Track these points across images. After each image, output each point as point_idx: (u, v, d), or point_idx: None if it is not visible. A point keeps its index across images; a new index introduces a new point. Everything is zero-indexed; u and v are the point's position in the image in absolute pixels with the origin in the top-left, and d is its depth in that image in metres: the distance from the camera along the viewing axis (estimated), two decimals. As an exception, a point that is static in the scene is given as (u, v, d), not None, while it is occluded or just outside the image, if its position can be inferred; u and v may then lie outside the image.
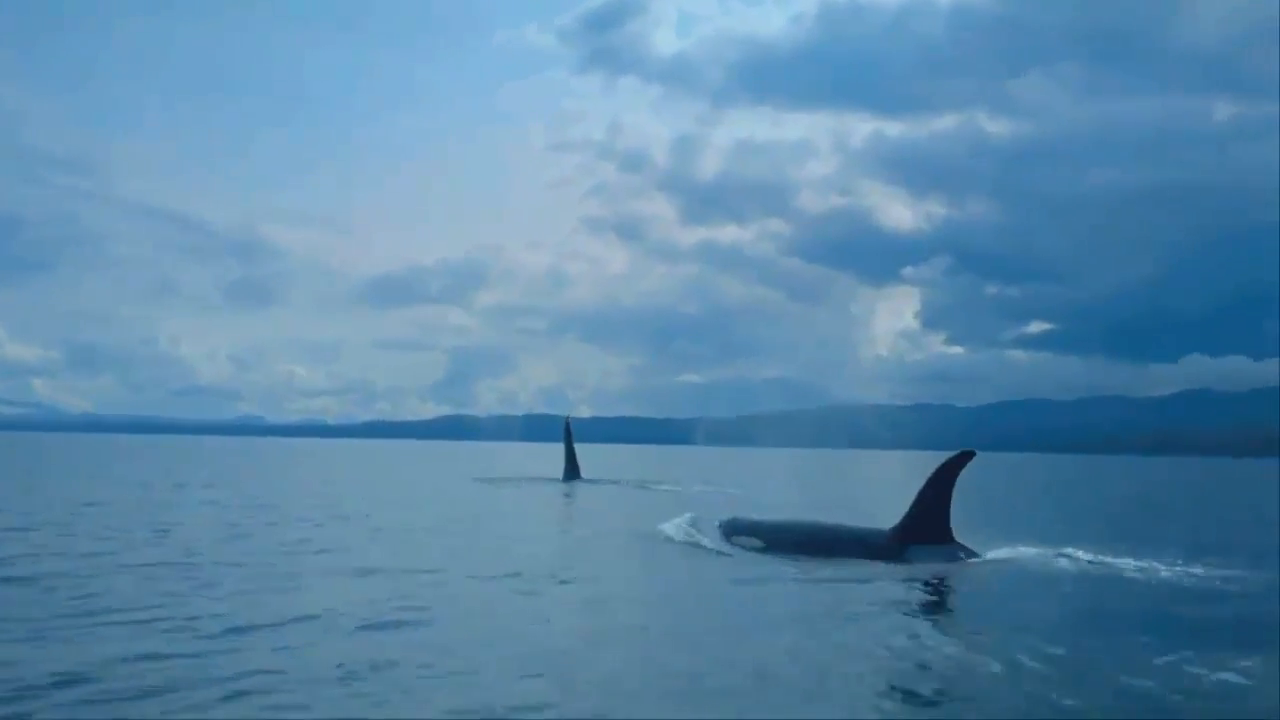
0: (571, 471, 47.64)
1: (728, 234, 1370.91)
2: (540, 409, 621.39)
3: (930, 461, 19.47)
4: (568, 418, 51.35)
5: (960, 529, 17.37)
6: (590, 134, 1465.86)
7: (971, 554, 16.79)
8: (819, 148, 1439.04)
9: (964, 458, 17.29)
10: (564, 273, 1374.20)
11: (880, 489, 50.86)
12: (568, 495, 38.89)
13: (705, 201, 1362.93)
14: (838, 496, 41.68)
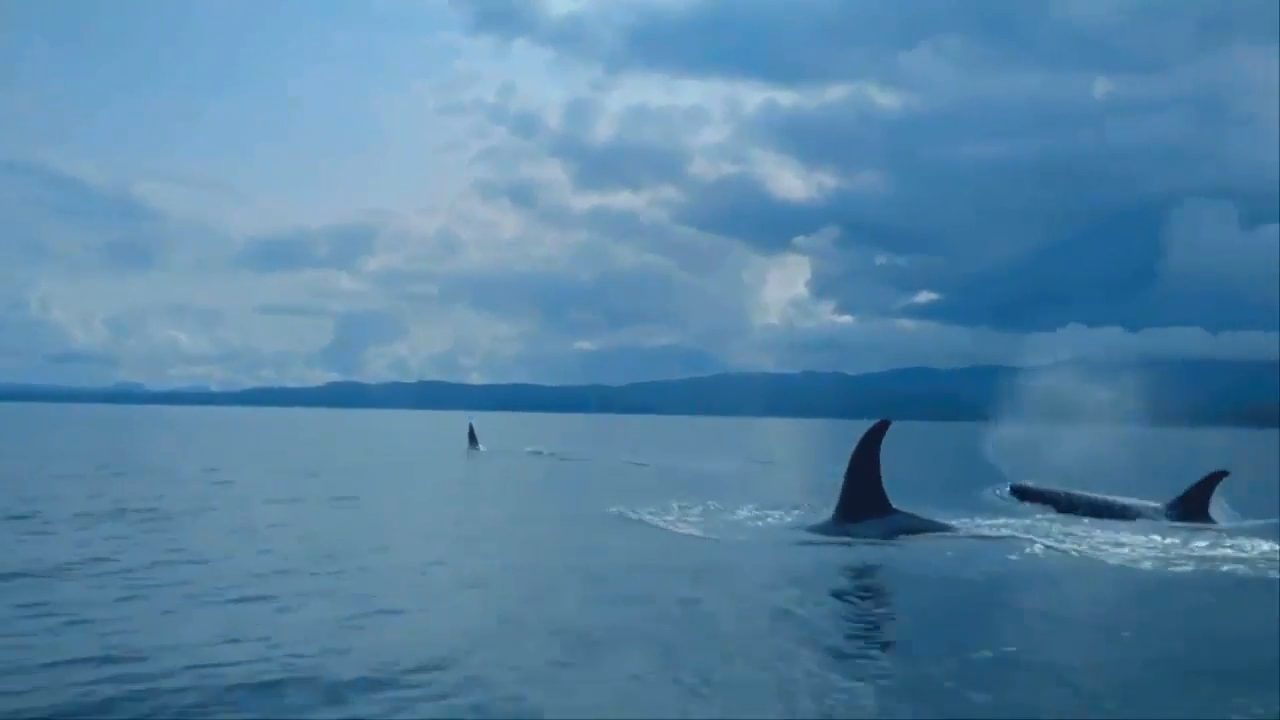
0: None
1: (621, 200, 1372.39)
2: (433, 376, 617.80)
3: (821, 428, 19.80)
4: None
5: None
6: (482, 96, 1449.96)
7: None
8: (712, 115, 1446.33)
9: (881, 427, 17.69)
10: (455, 238, 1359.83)
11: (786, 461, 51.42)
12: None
13: (599, 167, 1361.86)
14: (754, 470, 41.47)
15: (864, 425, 18.05)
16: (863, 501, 16.85)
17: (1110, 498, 21.48)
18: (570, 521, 19.95)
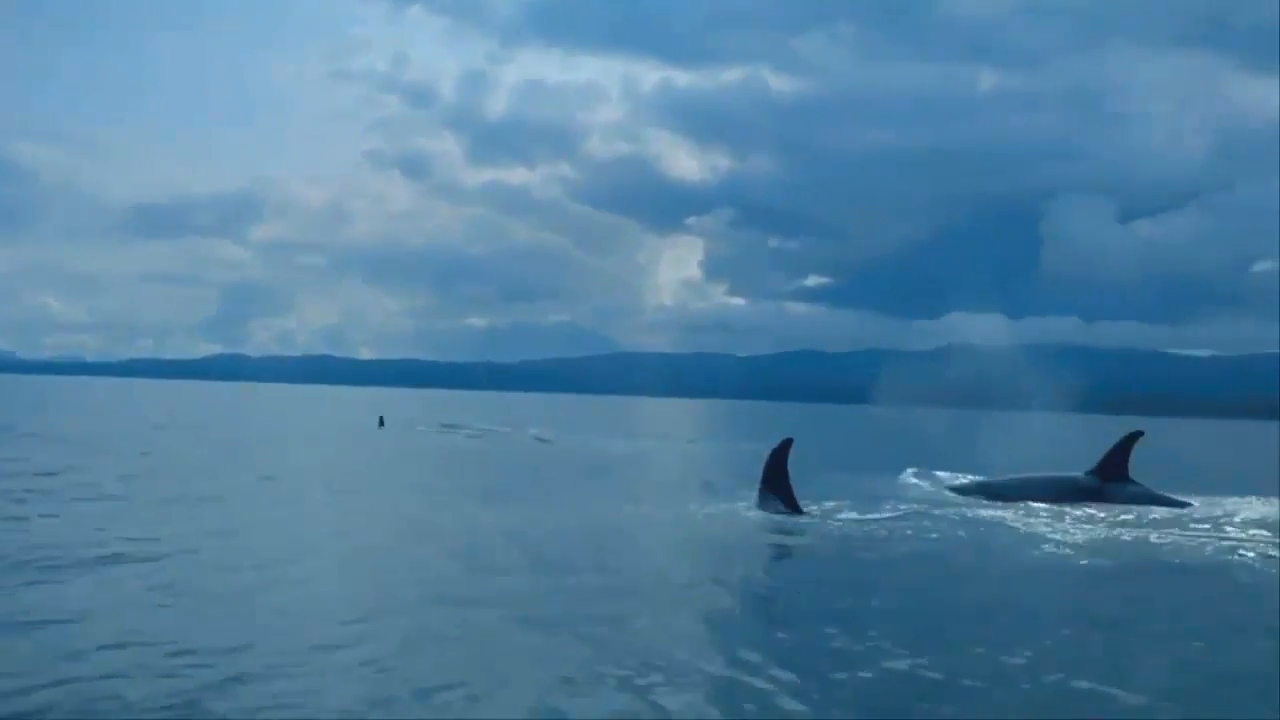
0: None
1: (516, 176, 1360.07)
2: (320, 350, 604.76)
3: (713, 408, 20.37)
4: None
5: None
6: (374, 64, 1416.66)
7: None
8: (608, 93, 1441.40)
9: (786, 445, 18.42)
10: (345, 209, 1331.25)
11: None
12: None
13: (493, 141, 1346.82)
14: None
15: (753, 406, 18.96)
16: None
17: (1028, 475, 22.09)
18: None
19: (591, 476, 25.03)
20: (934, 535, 15.80)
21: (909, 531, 15.89)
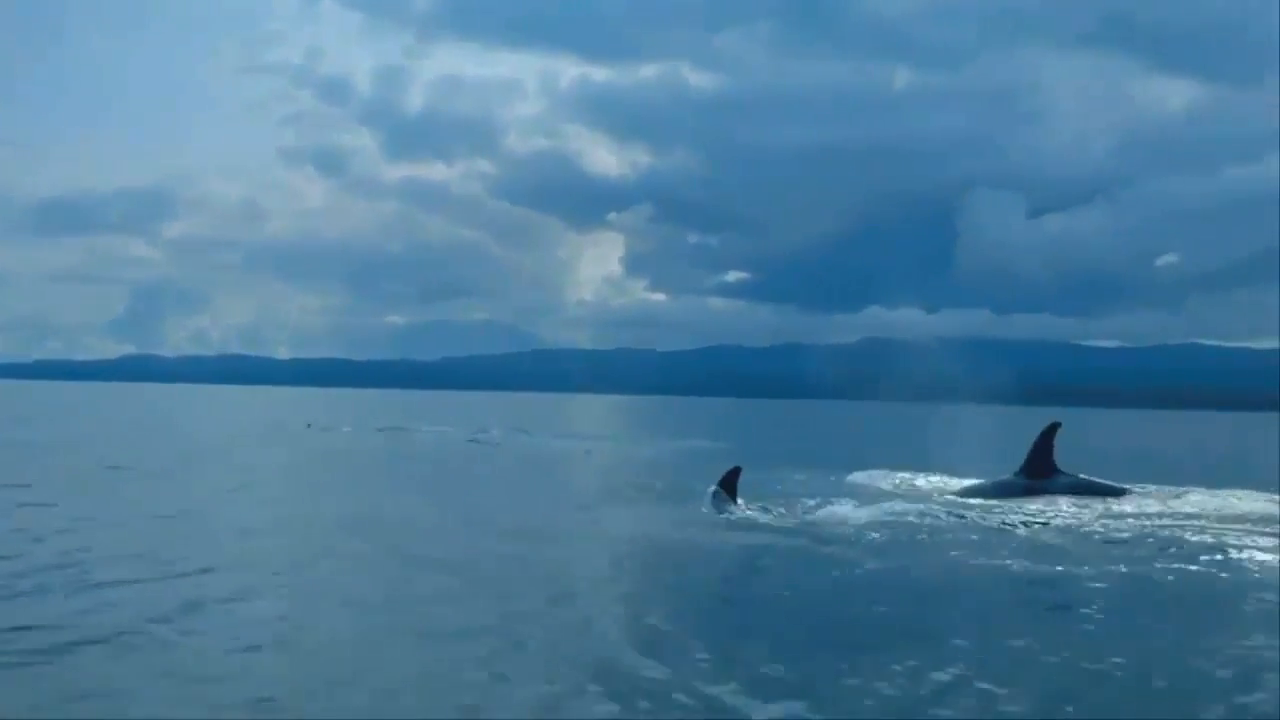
0: None
1: (433, 172, 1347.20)
2: (236, 349, 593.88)
3: (637, 405, 20.56)
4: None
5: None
6: (288, 58, 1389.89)
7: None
8: (527, 88, 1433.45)
9: (734, 473, 19.20)
10: (259, 205, 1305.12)
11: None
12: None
13: (410, 137, 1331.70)
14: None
15: (675, 401, 19.17)
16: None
17: (968, 484, 22.52)
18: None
19: (541, 477, 24.96)
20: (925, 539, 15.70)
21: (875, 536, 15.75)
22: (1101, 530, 16.41)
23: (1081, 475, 21.61)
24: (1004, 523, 17.17)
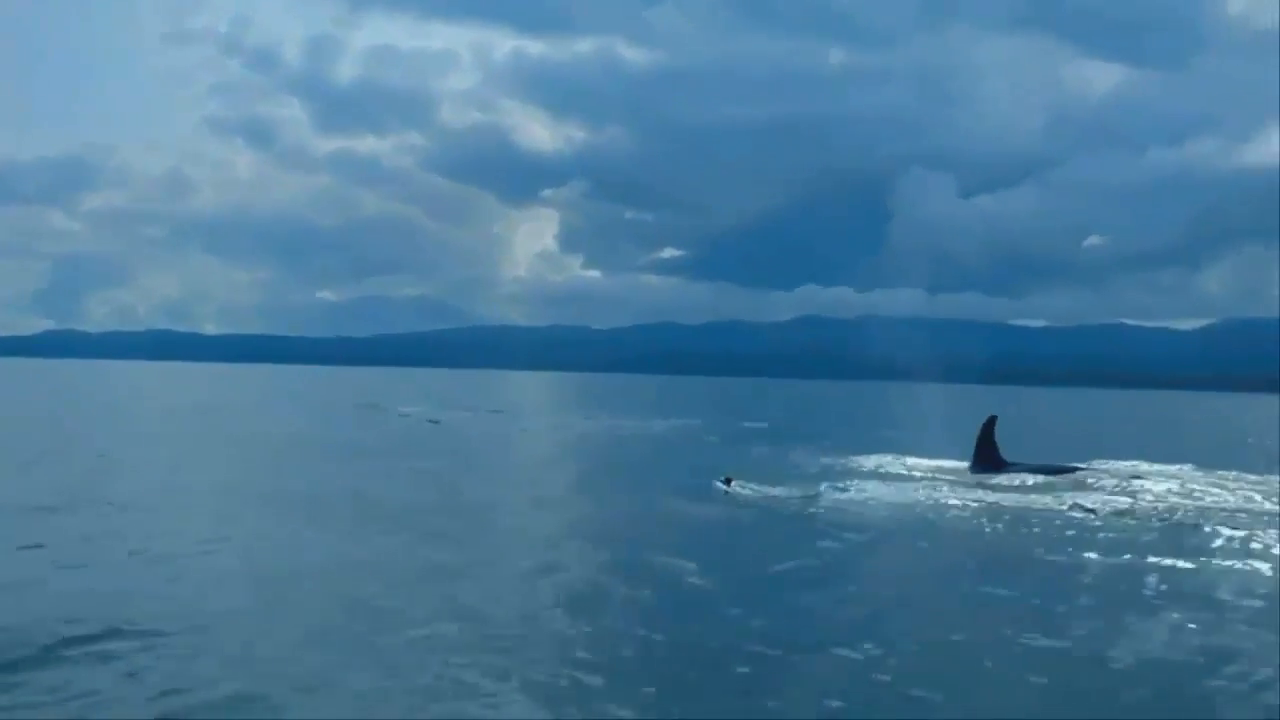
0: None
1: (365, 145, 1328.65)
2: (163, 324, 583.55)
3: (574, 382, 20.67)
4: None
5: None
6: (213, 25, 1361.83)
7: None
8: (461, 61, 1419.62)
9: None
10: (186, 177, 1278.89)
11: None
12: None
13: (341, 109, 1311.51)
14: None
15: (610, 379, 19.15)
16: None
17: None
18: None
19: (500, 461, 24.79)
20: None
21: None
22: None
23: (1029, 462, 22.12)
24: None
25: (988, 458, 22.16)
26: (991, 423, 22.73)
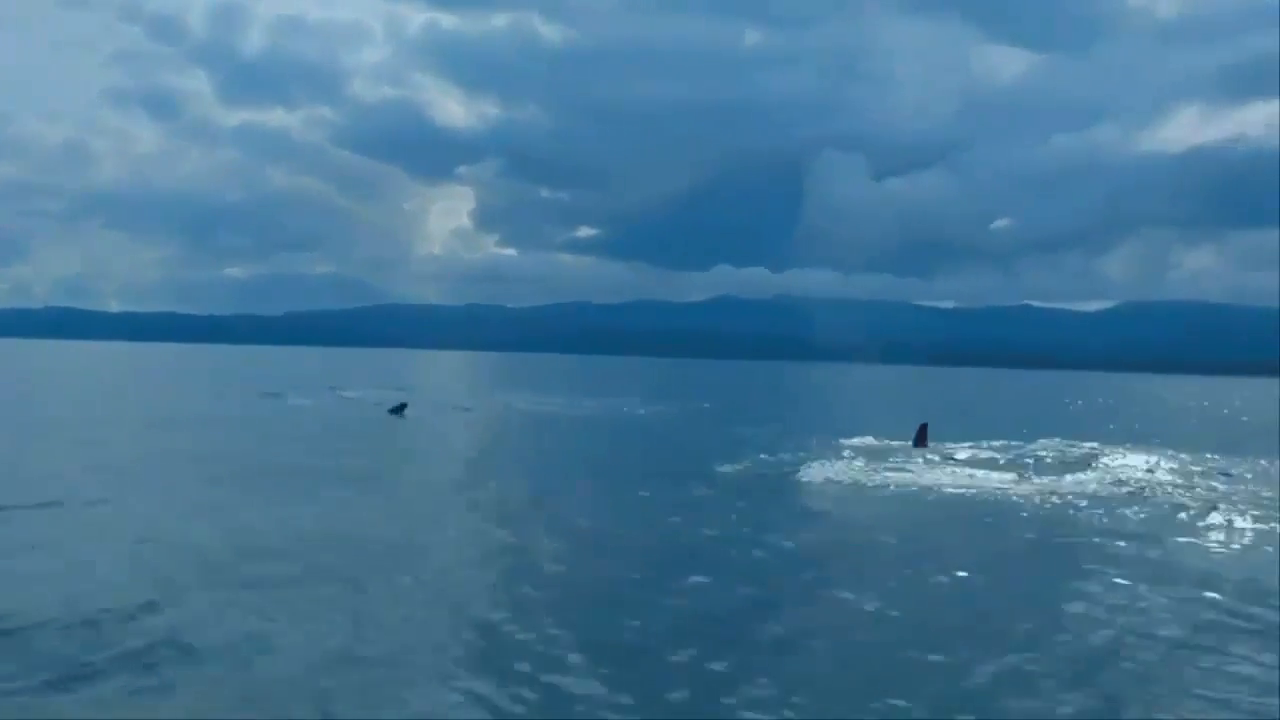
0: None
1: (274, 118, 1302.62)
2: (63, 302, 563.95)
3: (493, 361, 20.43)
4: None
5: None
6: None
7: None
8: (372, 33, 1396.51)
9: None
10: (85, 149, 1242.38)
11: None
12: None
13: (248, 81, 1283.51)
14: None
15: (526, 358, 18.98)
16: None
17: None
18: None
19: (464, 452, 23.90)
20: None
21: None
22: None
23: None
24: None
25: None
26: (923, 430, 24.32)
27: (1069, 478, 18.91)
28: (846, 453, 22.58)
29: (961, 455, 21.96)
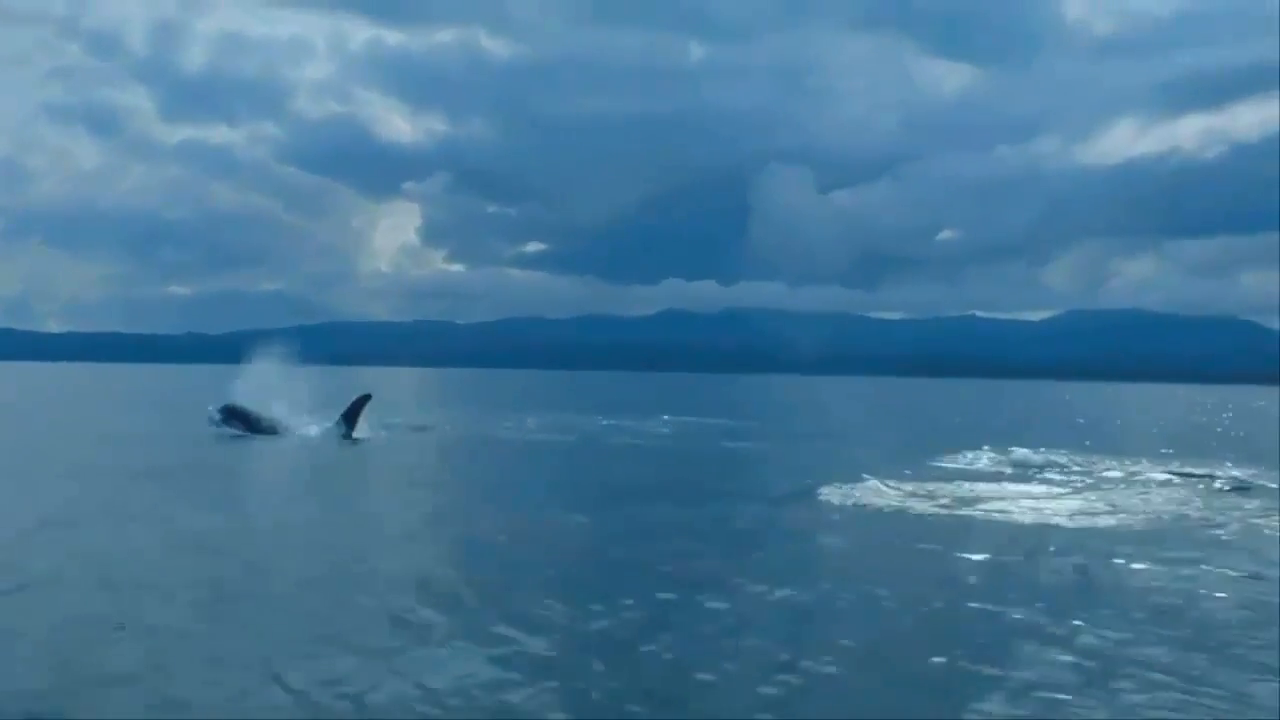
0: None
1: (217, 135, 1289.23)
2: (1, 322, 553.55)
3: (442, 378, 19.99)
4: None
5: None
6: (48, 7, 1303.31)
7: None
8: (315, 49, 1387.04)
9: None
10: (23, 166, 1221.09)
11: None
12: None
13: (191, 97, 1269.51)
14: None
15: (476, 374, 18.65)
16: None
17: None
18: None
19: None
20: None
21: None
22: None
23: None
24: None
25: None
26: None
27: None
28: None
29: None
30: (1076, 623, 8.72)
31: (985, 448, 25.91)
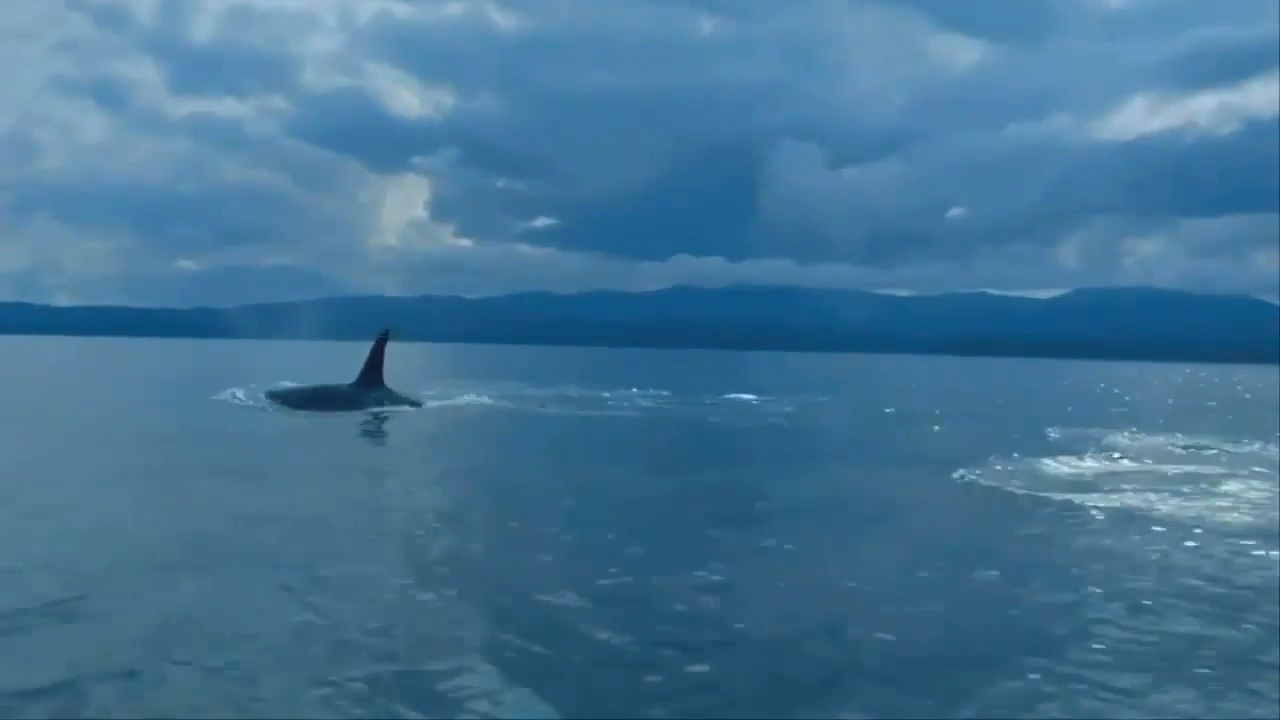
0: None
1: (225, 108, 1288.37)
2: (9, 296, 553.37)
3: (441, 352, 19.47)
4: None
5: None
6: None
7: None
8: (324, 22, 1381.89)
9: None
10: (31, 140, 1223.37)
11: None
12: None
13: (199, 70, 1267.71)
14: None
15: (484, 349, 18.07)
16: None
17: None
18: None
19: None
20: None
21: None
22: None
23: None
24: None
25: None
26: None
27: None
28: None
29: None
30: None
31: (1054, 428, 23.85)
